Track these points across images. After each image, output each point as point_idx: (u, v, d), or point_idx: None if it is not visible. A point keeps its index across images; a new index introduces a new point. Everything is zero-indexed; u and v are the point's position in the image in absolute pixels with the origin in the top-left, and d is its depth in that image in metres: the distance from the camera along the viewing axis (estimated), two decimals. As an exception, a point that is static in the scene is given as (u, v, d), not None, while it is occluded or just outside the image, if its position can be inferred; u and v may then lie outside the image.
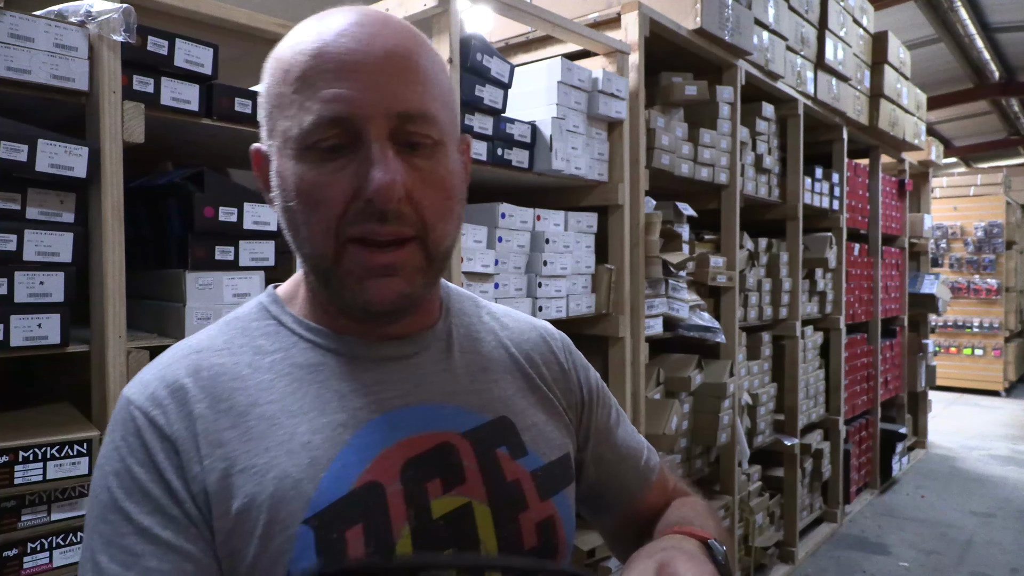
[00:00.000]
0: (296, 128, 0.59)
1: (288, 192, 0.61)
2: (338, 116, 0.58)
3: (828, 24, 3.53)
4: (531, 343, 0.79)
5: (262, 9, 2.24)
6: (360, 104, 0.58)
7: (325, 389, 0.64)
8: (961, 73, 8.57)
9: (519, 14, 1.99)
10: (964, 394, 8.42)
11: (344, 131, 0.59)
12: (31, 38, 1.14)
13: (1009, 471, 5.30)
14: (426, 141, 0.61)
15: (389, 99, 0.59)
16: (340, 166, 0.59)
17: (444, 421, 0.67)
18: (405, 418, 0.65)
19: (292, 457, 0.60)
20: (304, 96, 0.59)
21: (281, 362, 0.65)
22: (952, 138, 11.32)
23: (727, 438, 2.80)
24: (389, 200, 0.58)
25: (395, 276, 0.61)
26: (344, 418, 0.63)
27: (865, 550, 3.80)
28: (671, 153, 2.49)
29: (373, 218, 0.59)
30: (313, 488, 0.59)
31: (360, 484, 0.60)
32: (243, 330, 0.68)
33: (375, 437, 0.63)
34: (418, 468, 0.63)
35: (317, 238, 0.60)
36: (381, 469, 0.62)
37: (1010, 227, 8.64)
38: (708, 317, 2.70)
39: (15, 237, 1.15)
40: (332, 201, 0.59)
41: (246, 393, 0.62)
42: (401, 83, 0.60)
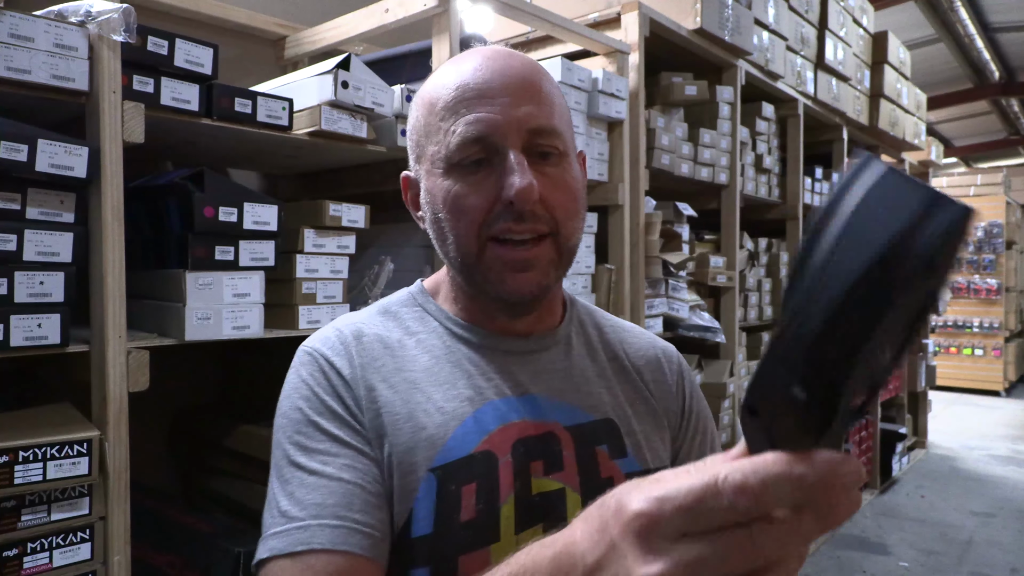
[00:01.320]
0: (444, 150, 0.71)
1: (437, 205, 0.72)
2: (479, 135, 0.69)
3: (828, 24, 3.52)
4: (646, 359, 0.86)
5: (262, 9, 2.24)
6: (497, 124, 0.69)
7: (458, 368, 0.75)
8: (961, 73, 8.57)
9: (519, 14, 1.99)
10: (964, 394, 8.41)
11: (484, 148, 0.70)
12: (31, 38, 1.14)
13: (1009, 471, 5.30)
14: (554, 151, 0.72)
15: (521, 118, 0.70)
16: (481, 179, 0.70)
17: (553, 413, 0.75)
18: (521, 404, 0.74)
19: (428, 416, 0.71)
20: (449, 123, 0.70)
21: (425, 341, 0.77)
22: (952, 138, 11.32)
23: (727, 438, 2.80)
24: (527, 201, 0.68)
25: (531, 270, 0.71)
26: (471, 394, 0.73)
27: (865, 550, 3.80)
28: (671, 153, 2.49)
29: (511, 218, 0.69)
30: (441, 444, 0.70)
31: (478, 450, 0.70)
32: (395, 315, 0.80)
33: (494, 415, 0.73)
34: (526, 448, 0.72)
35: (462, 239, 0.71)
36: (496, 442, 0.71)
37: (1010, 227, 8.64)
38: (708, 317, 2.70)
39: (15, 237, 1.15)
40: (476, 207, 0.70)
41: (395, 359, 0.75)
42: (529, 103, 0.71)
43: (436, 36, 1.74)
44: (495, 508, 0.69)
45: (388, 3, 1.84)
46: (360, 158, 1.77)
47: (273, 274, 1.49)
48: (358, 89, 1.54)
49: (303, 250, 1.55)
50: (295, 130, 1.53)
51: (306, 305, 1.55)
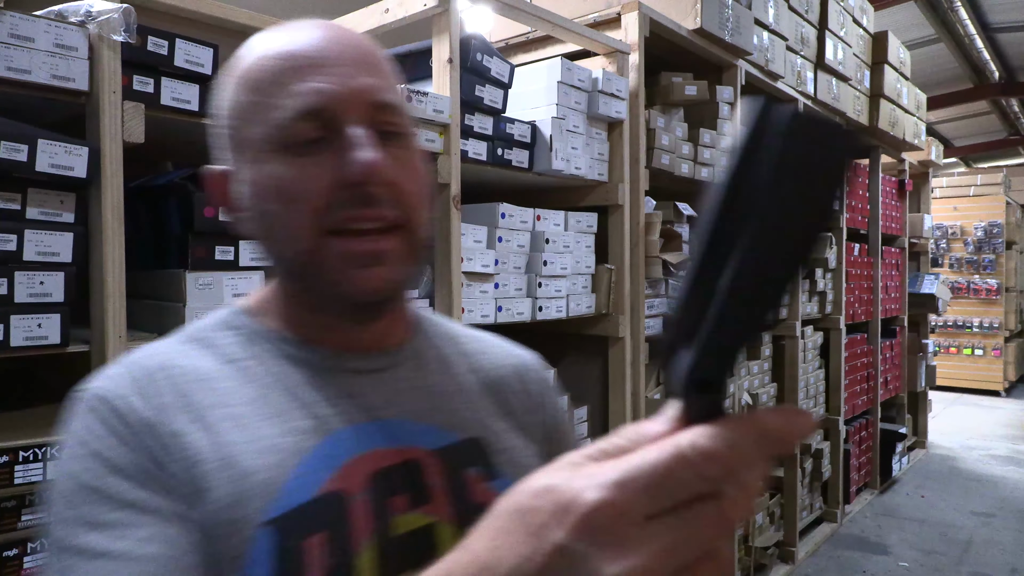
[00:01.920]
0: (270, 130, 0.59)
1: (264, 196, 0.60)
2: (315, 108, 0.58)
3: (828, 24, 3.53)
4: (507, 370, 0.77)
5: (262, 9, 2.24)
6: (335, 95, 0.59)
7: (293, 397, 0.63)
8: (961, 73, 8.57)
9: (519, 14, 1.99)
10: (964, 394, 8.42)
11: (322, 124, 0.59)
12: (31, 38, 1.14)
13: (1009, 471, 5.30)
14: (400, 131, 0.62)
15: (362, 88, 0.60)
16: (317, 161, 0.59)
17: (413, 437, 0.65)
18: (373, 431, 0.63)
19: (257, 458, 0.58)
20: (275, 97, 0.59)
21: (250, 369, 0.64)
22: (952, 138, 11.33)
23: (727, 438, 2.80)
24: (376, 178, 0.58)
25: (381, 265, 0.60)
26: (312, 425, 0.61)
27: (865, 550, 3.80)
28: (671, 153, 2.49)
29: (357, 203, 0.58)
30: (277, 489, 0.57)
31: (324, 491, 0.58)
32: (207, 340, 0.66)
33: (342, 447, 0.61)
34: (384, 482, 0.61)
35: (295, 234, 0.59)
36: (347, 479, 0.59)
37: (1010, 227, 8.64)
38: (708, 317, 2.70)
39: (15, 237, 1.15)
40: (311, 194, 0.58)
41: (213, 394, 0.61)
42: (371, 75, 0.61)
43: (436, 36, 1.74)
44: (350, 560, 0.57)
45: (388, 3, 1.84)
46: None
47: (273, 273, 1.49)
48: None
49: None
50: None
51: (306, 305, 1.55)
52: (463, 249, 1.78)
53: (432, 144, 1.69)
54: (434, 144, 1.70)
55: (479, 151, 1.84)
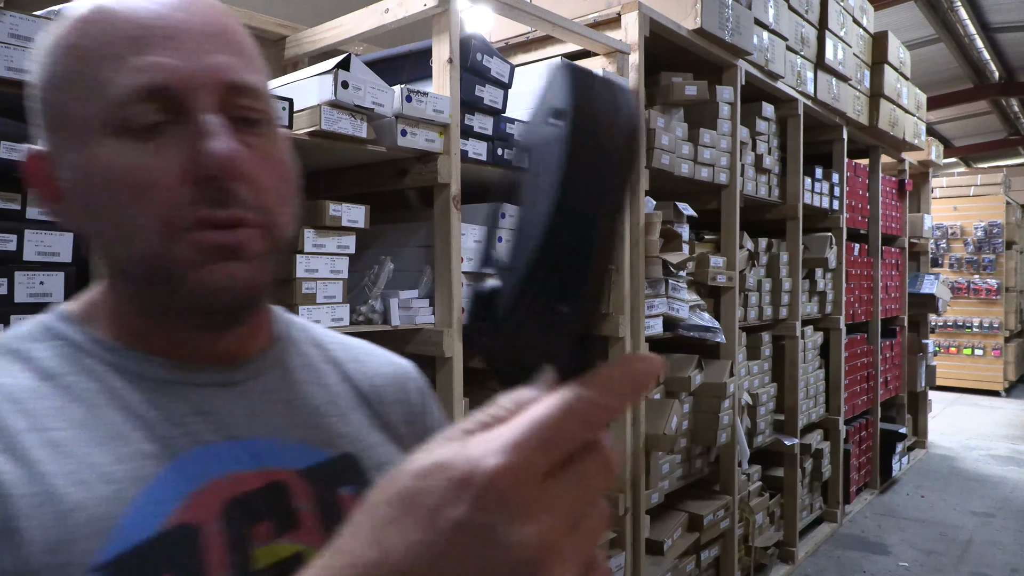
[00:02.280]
0: (102, 108, 0.50)
1: (96, 187, 0.51)
2: (157, 86, 0.49)
3: (828, 24, 3.53)
4: (383, 379, 0.70)
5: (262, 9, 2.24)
6: (183, 72, 0.50)
7: (131, 417, 0.53)
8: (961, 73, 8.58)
9: (519, 14, 1.99)
10: (964, 394, 8.42)
11: (164, 105, 0.50)
12: (31, 38, 1.14)
13: (1009, 471, 5.30)
14: (261, 117, 0.55)
15: (215, 67, 0.52)
16: (161, 146, 0.50)
17: (277, 457, 0.57)
18: (229, 452, 0.55)
19: (86, 489, 0.48)
20: (107, 70, 0.50)
21: (75, 385, 0.53)
22: (952, 138, 11.33)
23: (727, 438, 2.80)
24: (232, 174, 0.50)
25: (239, 260, 0.52)
26: (155, 448, 0.52)
27: (865, 550, 3.80)
28: (671, 153, 2.49)
29: (209, 201, 0.51)
30: (110, 527, 0.48)
31: (170, 525, 0.50)
32: (21, 352, 0.55)
33: (192, 471, 0.53)
34: (243, 509, 0.53)
35: (141, 231, 0.50)
36: (197, 508, 0.51)
37: (1010, 227, 8.64)
38: (708, 317, 2.70)
39: (15, 237, 1.15)
40: (159, 185, 0.50)
41: (26, 416, 0.50)
42: (227, 52, 0.53)
43: (436, 36, 1.74)
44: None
45: (388, 3, 1.84)
46: (360, 158, 1.77)
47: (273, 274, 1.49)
48: (358, 89, 1.54)
49: (303, 250, 1.55)
50: (295, 130, 1.53)
51: (306, 305, 1.55)
52: (463, 249, 1.78)
53: (432, 144, 1.69)
54: (434, 144, 1.70)
55: (479, 151, 1.84)
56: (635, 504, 2.36)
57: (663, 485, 2.59)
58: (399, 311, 1.71)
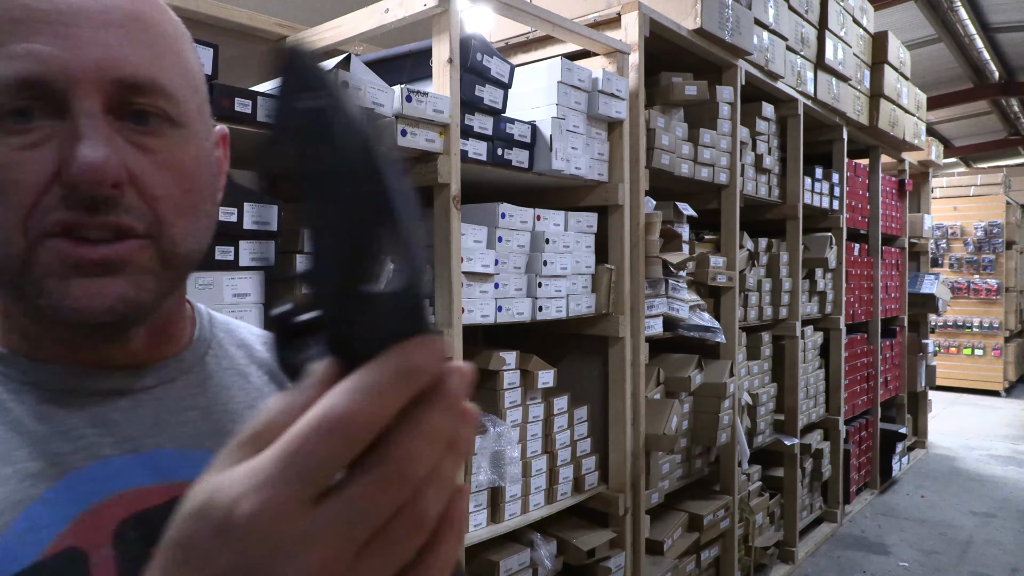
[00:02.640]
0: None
1: None
2: (30, 78, 0.45)
3: (828, 24, 3.53)
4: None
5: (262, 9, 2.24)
6: (61, 64, 0.45)
7: (14, 432, 0.48)
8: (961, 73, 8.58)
9: (519, 14, 1.99)
10: (964, 394, 8.42)
11: (40, 99, 0.46)
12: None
13: (1009, 471, 5.30)
14: (158, 115, 0.49)
15: (105, 60, 0.46)
16: (34, 141, 0.46)
17: (184, 469, 0.51)
18: (129, 466, 0.50)
19: None
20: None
21: None
22: (952, 138, 11.33)
23: (727, 438, 2.80)
24: (99, 183, 0.45)
25: (114, 275, 0.47)
26: (39, 467, 0.47)
27: (865, 550, 3.80)
28: (671, 153, 2.49)
29: (79, 206, 0.46)
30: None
31: (54, 551, 0.45)
32: None
33: (82, 490, 0.47)
34: (141, 528, 0.48)
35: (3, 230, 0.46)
36: (86, 531, 0.46)
37: (1010, 227, 8.65)
38: (708, 317, 2.70)
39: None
40: (21, 185, 0.45)
41: None
42: (123, 42, 0.47)
43: (436, 36, 1.74)
44: None
45: (388, 3, 1.84)
46: (360, 158, 1.77)
47: (273, 274, 1.49)
48: (358, 89, 1.54)
49: (303, 250, 1.55)
50: (295, 130, 1.53)
51: (306, 305, 1.55)
52: (463, 249, 1.78)
53: (432, 144, 1.69)
54: (434, 144, 1.70)
55: (479, 151, 1.84)
56: (635, 504, 2.36)
57: (663, 485, 2.59)
58: (399, 311, 1.71)
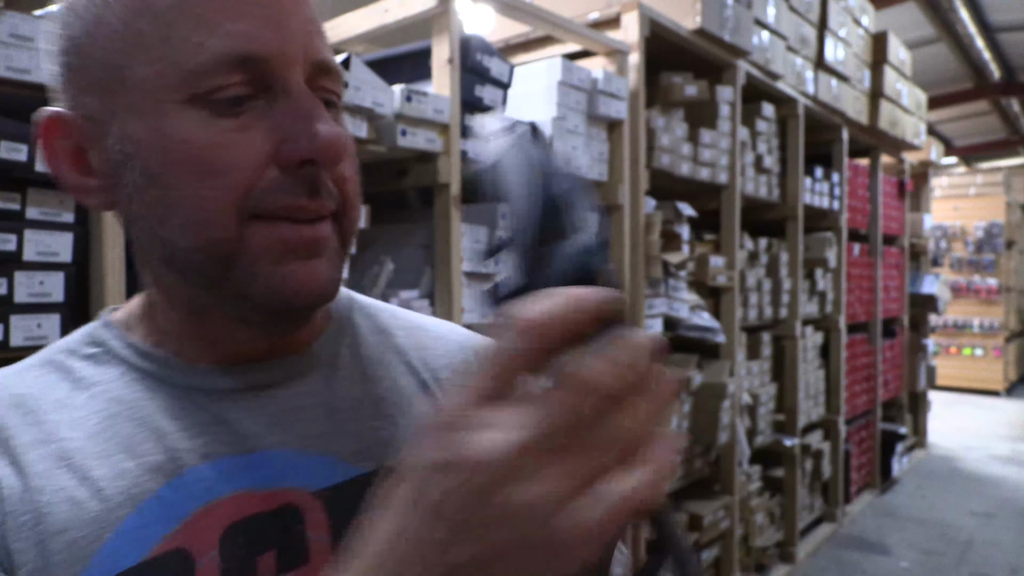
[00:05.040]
0: (175, 73, 0.44)
1: (159, 160, 0.45)
2: (251, 56, 0.44)
3: (828, 24, 3.53)
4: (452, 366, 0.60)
5: (262, 9, 2.25)
6: (279, 44, 0.45)
7: (143, 427, 0.48)
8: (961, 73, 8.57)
9: (519, 14, 1.99)
10: (964, 394, 8.42)
11: (253, 77, 0.44)
12: (31, 38, 1.14)
13: (1009, 471, 5.30)
14: (337, 100, 0.50)
15: (307, 42, 0.47)
16: (245, 123, 0.45)
17: (296, 474, 0.50)
18: (244, 466, 0.48)
19: (74, 507, 0.44)
20: (188, 29, 0.43)
21: (99, 396, 0.49)
22: (952, 138, 11.32)
23: (727, 438, 2.80)
24: (335, 159, 0.46)
25: (320, 257, 0.47)
26: (159, 462, 0.47)
27: (865, 550, 3.80)
28: (671, 153, 2.49)
29: (302, 189, 0.45)
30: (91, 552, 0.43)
31: (161, 551, 0.44)
32: (61, 364, 0.52)
33: (195, 489, 0.47)
34: (248, 536, 0.47)
35: (210, 218, 0.44)
36: (195, 532, 0.45)
37: (1010, 227, 8.65)
38: (708, 317, 2.70)
39: (15, 237, 1.15)
40: (238, 167, 0.44)
41: (41, 428, 0.47)
42: (311, 27, 0.47)
43: (436, 36, 1.74)
44: None
45: (388, 3, 1.84)
46: (360, 158, 1.77)
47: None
48: (358, 89, 1.54)
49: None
50: (295, 130, 1.53)
51: (306, 305, 1.55)
52: (463, 249, 1.78)
53: (432, 144, 1.69)
54: (434, 144, 1.70)
55: (479, 151, 1.84)
56: (635, 504, 2.36)
57: (663, 485, 2.58)
58: (399, 311, 1.71)
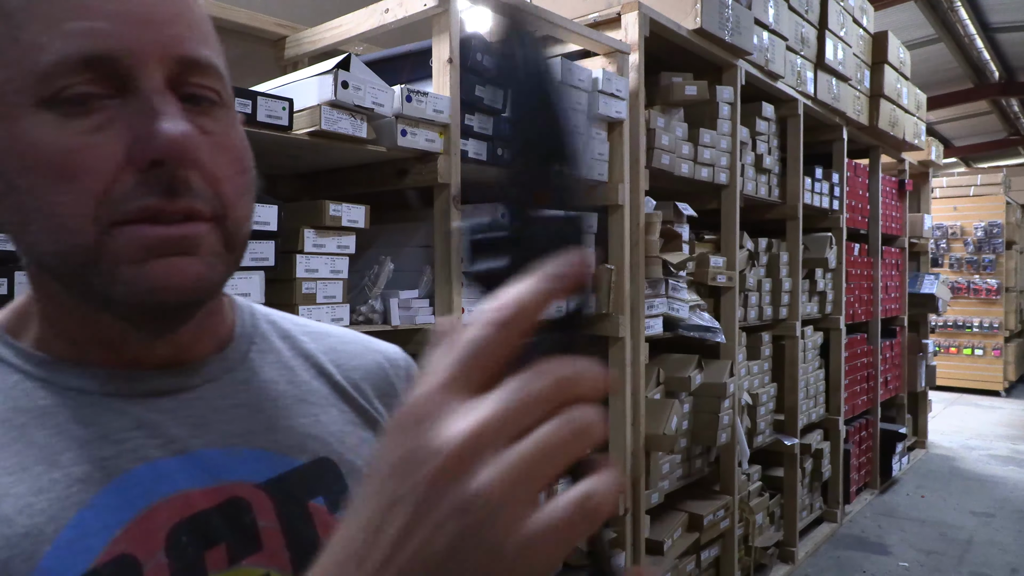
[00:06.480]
0: (24, 76, 0.42)
1: (14, 168, 0.43)
2: (98, 55, 0.42)
3: (828, 24, 3.53)
4: (364, 369, 0.62)
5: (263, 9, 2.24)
6: (129, 41, 0.43)
7: (60, 437, 0.46)
8: (961, 73, 8.57)
9: (519, 14, 1.99)
10: (964, 394, 8.42)
11: (105, 77, 0.43)
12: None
13: (1009, 471, 5.30)
14: (214, 98, 0.47)
15: (167, 38, 0.44)
16: (98, 124, 0.43)
17: (235, 469, 0.50)
18: (179, 468, 0.48)
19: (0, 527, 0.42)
20: (35, 30, 0.42)
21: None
22: (952, 138, 11.33)
23: (727, 438, 2.80)
24: (184, 159, 0.43)
25: (188, 255, 0.45)
26: (86, 471, 0.45)
27: (865, 550, 3.80)
28: (671, 153, 2.49)
29: (157, 190, 0.43)
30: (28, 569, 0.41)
31: (105, 559, 0.43)
32: None
33: (131, 494, 0.46)
34: (193, 533, 0.47)
35: (68, 224, 0.43)
36: (138, 536, 0.45)
37: (1010, 227, 8.65)
38: (708, 317, 2.70)
39: (15, 237, 1.14)
40: (91, 171, 0.42)
41: None
42: (178, 20, 0.45)
43: (436, 36, 1.74)
44: None
45: (388, 3, 1.84)
46: (360, 158, 1.77)
47: (273, 274, 1.49)
48: (358, 89, 1.54)
49: (303, 250, 1.55)
50: (295, 130, 1.53)
51: (306, 305, 1.55)
52: (463, 250, 1.77)
53: (432, 144, 1.69)
54: (434, 144, 1.70)
55: (479, 151, 1.84)
56: (635, 504, 2.36)
57: (663, 485, 2.59)
58: (399, 311, 1.71)
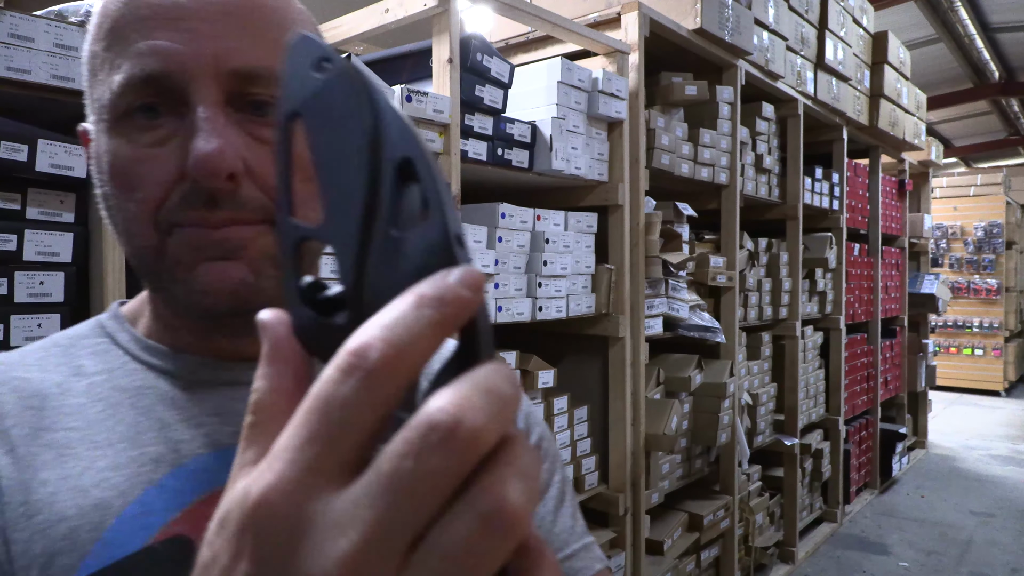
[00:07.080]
0: (108, 93, 0.47)
1: (103, 174, 0.49)
2: (152, 73, 0.46)
3: (828, 24, 3.53)
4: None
5: (262, 9, 2.25)
6: (180, 57, 0.46)
7: (145, 417, 0.50)
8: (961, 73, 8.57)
9: (519, 14, 1.99)
10: (964, 394, 8.42)
11: (162, 93, 0.46)
12: (31, 38, 1.14)
13: (1009, 471, 5.30)
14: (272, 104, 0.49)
15: (219, 52, 0.47)
16: (160, 138, 0.47)
17: None
18: None
19: (76, 496, 0.45)
20: (116, 53, 0.47)
21: (101, 385, 0.51)
22: (952, 138, 11.32)
23: (727, 438, 2.80)
24: (213, 175, 0.45)
25: (235, 260, 0.47)
26: (161, 452, 0.48)
27: (865, 550, 3.80)
28: (671, 153, 2.49)
29: (200, 202, 0.46)
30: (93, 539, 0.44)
31: (162, 537, 0.45)
32: (67, 348, 0.54)
33: (199, 478, 0.48)
34: None
35: (135, 229, 0.48)
36: (197, 520, 0.46)
37: (1010, 227, 8.64)
38: (708, 317, 2.70)
39: (15, 237, 1.15)
40: (149, 182, 0.47)
41: (42, 415, 0.48)
42: (241, 33, 0.48)
43: (436, 36, 1.74)
44: None
45: (388, 3, 1.84)
46: (360, 158, 1.77)
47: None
48: (358, 89, 1.54)
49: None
50: (295, 130, 1.53)
51: (306, 305, 1.55)
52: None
53: (432, 144, 1.69)
54: (434, 144, 1.70)
55: (479, 151, 1.84)
56: (635, 504, 2.36)
57: (663, 485, 2.59)
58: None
